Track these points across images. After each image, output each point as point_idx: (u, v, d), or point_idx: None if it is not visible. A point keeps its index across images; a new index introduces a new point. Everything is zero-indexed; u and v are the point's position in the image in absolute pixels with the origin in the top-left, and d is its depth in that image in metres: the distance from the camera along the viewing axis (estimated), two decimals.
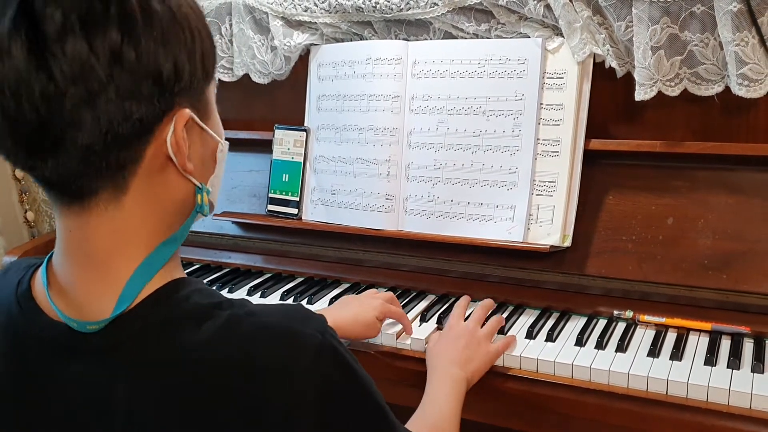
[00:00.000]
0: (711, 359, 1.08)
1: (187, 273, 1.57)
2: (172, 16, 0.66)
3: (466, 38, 1.39)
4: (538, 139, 1.31)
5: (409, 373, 1.20)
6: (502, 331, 1.21)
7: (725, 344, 1.13)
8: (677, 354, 1.10)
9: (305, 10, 1.51)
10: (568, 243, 1.28)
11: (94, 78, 0.61)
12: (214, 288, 1.50)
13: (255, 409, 0.65)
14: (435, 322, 1.27)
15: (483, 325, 1.17)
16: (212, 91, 0.75)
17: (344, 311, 1.16)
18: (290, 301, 1.42)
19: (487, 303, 1.25)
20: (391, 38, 1.48)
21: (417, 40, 1.45)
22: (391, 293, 1.28)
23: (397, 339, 1.23)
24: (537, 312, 1.29)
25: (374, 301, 1.19)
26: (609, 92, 1.31)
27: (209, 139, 0.74)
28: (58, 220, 0.70)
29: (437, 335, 1.19)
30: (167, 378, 0.65)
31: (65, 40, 0.60)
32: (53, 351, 0.70)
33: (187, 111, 0.68)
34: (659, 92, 1.23)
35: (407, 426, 0.83)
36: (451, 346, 1.11)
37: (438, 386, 1.04)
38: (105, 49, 0.61)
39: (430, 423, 0.97)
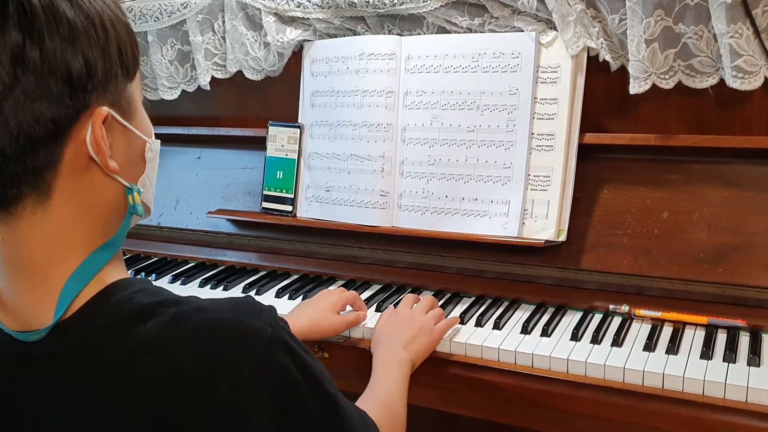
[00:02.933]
0: (707, 353, 1.07)
1: (181, 271, 1.59)
2: (80, 11, 0.64)
3: (459, 33, 1.39)
4: (532, 134, 1.30)
5: None
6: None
7: (721, 338, 1.13)
8: (673, 348, 1.10)
9: (298, 6, 1.51)
10: (563, 238, 1.28)
11: None
12: (209, 286, 1.49)
13: (210, 406, 0.64)
14: None
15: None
16: (136, 88, 0.73)
17: (300, 316, 1.18)
18: (285, 298, 1.41)
19: (432, 298, 1.26)
20: (385, 33, 1.47)
21: (410, 35, 1.44)
22: (342, 289, 1.30)
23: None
24: (532, 307, 1.29)
25: (330, 297, 1.22)
26: (603, 86, 1.31)
27: (135, 137, 0.72)
28: None
29: (384, 318, 1.19)
30: (117, 380, 0.64)
31: None
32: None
33: (105, 109, 0.67)
34: (653, 85, 1.23)
35: (357, 404, 0.83)
36: (395, 328, 1.14)
37: (383, 367, 1.06)
38: (6, 50, 0.60)
39: (380, 402, 0.98)
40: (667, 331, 1.16)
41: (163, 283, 1.53)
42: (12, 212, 0.66)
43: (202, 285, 1.51)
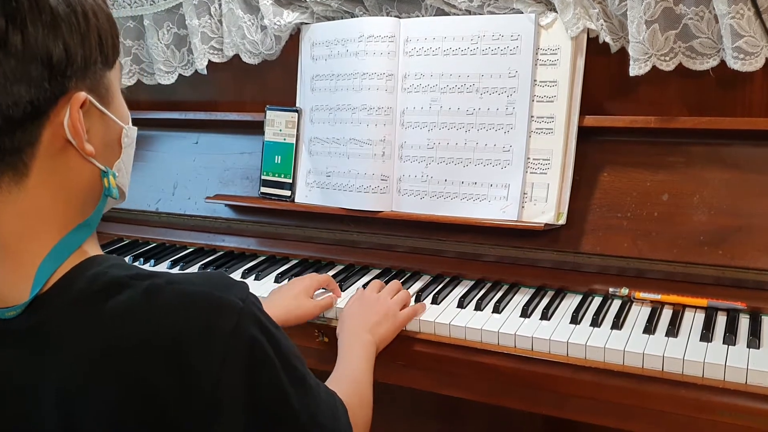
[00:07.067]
0: (707, 335, 1.07)
1: (179, 257, 1.58)
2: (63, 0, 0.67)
3: (458, 14, 1.37)
4: (531, 117, 1.29)
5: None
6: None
7: (721, 320, 1.13)
8: (673, 330, 1.10)
9: None
10: (562, 221, 1.27)
11: None
12: (208, 271, 1.49)
13: (182, 376, 0.65)
14: (430, 302, 1.27)
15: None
16: (115, 77, 0.76)
17: (274, 303, 1.19)
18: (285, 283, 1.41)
19: (397, 282, 1.29)
20: (383, 15, 1.46)
21: (409, 17, 1.43)
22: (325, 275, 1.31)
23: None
24: (532, 290, 1.29)
25: (303, 282, 1.24)
26: (603, 68, 1.30)
27: (112, 123, 0.75)
28: None
29: (351, 302, 1.22)
30: (91, 351, 0.66)
31: None
32: None
33: (82, 94, 0.69)
34: (654, 67, 1.22)
35: (327, 384, 0.85)
36: (361, 312, 1.17)
37: (349, 349, 1.09)
38: None
39: (346, 381, 1.00)
40: (666, 313, 1.16)
41: (162, 268, 1.52)
42: None
43: (200, 270, 1.51)
